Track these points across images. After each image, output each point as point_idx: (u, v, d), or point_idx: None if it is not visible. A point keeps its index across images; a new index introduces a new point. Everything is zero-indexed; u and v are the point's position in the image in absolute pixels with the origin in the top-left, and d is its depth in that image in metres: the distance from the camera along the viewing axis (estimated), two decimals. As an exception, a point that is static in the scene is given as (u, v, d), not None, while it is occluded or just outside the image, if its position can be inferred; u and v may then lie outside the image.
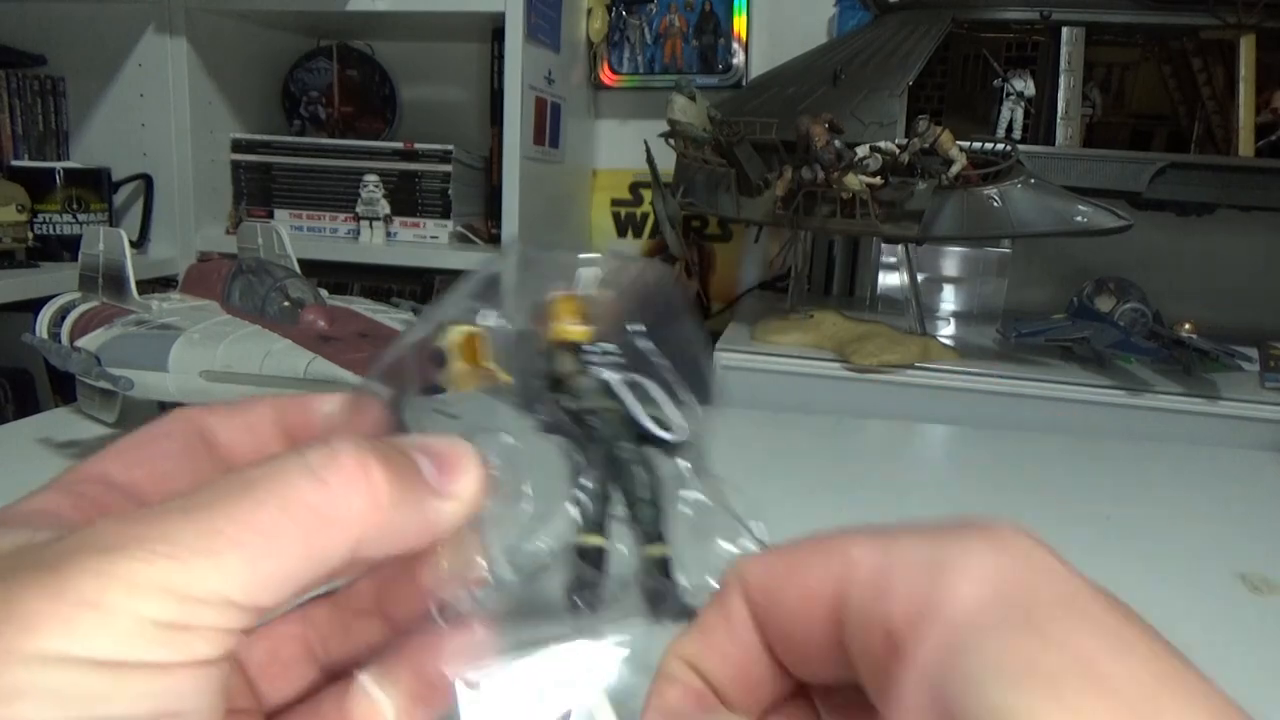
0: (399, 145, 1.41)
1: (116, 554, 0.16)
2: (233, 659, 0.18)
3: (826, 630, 0.19)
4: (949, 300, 1.39)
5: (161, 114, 1.41)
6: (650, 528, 0.26)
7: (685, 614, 0.25)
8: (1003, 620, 0.16)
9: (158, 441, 0.22)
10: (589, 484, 0.26)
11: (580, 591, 0.25)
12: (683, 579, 0.25)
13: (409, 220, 1.41)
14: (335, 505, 0.18)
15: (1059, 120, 1.13)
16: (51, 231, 1.34)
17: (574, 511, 0.26)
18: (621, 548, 0.26)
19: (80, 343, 0.59)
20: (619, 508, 0.26)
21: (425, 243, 1.41)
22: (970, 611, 0.16)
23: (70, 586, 0.16)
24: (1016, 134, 1.16)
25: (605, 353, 0.26)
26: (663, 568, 0.26)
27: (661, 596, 0.25)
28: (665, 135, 1.20)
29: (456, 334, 0.24)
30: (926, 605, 0.17)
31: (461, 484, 0.20)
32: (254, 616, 0.18)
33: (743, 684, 0.20)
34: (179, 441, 0.22)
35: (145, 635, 0.16)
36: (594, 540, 0.25)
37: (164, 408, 0.64)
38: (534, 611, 0.24)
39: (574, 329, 0.26)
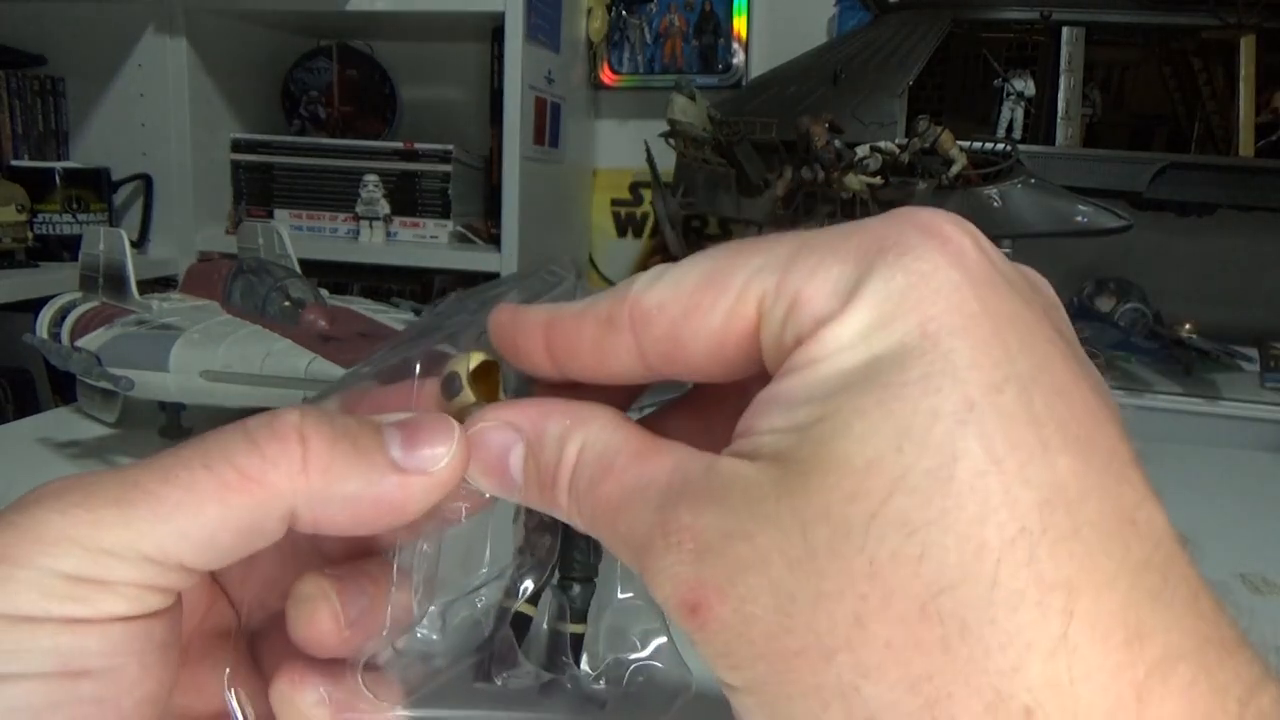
0: (399, 145, 1.41)
1: (33, 508, 0.16)
2: (169, 618, 0.18)
3: (739, 361, 0.18)
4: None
5: (161, 114, 1.41)
6: (577, 606, 0.24)
7: (582, 702, 0.23)
8: (861, 379, 0.15)
9: None
10: (541, 549, 0.23)
11: (501, 667, 0.23)
12: (585, 666, 0.24)
13: (409, 220, 1.41)
14: (264, 468, 0.17)
15: (1059, 120, 1.13)
16: (51, 231, 1.34)
17: (526, 579, 0.23)
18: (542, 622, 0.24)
19: (80, 343, 0.59)
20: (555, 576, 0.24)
21: (425, 243, 1.41)
22: (841, 352, 0.15)
23: None
24: (1016, 134, 1.16)
25: None
26: (574, 646, 0.24)
27: (558, 680, 0.23)
28: (665, 135, 1.20)
29: (472, 360, 0.21)
30: (815, 335, 0.16)
31: (426, 456, 0.19)
32: (178, 575, 0.17)
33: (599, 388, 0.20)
34: None
35: (55, 590, 0.16)
36: (529, 610, 0.24)
37: (164, 408, 0.64)
38: (448, 677, 0.22)
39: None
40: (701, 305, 0.17)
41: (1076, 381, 0.15)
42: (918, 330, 0.15)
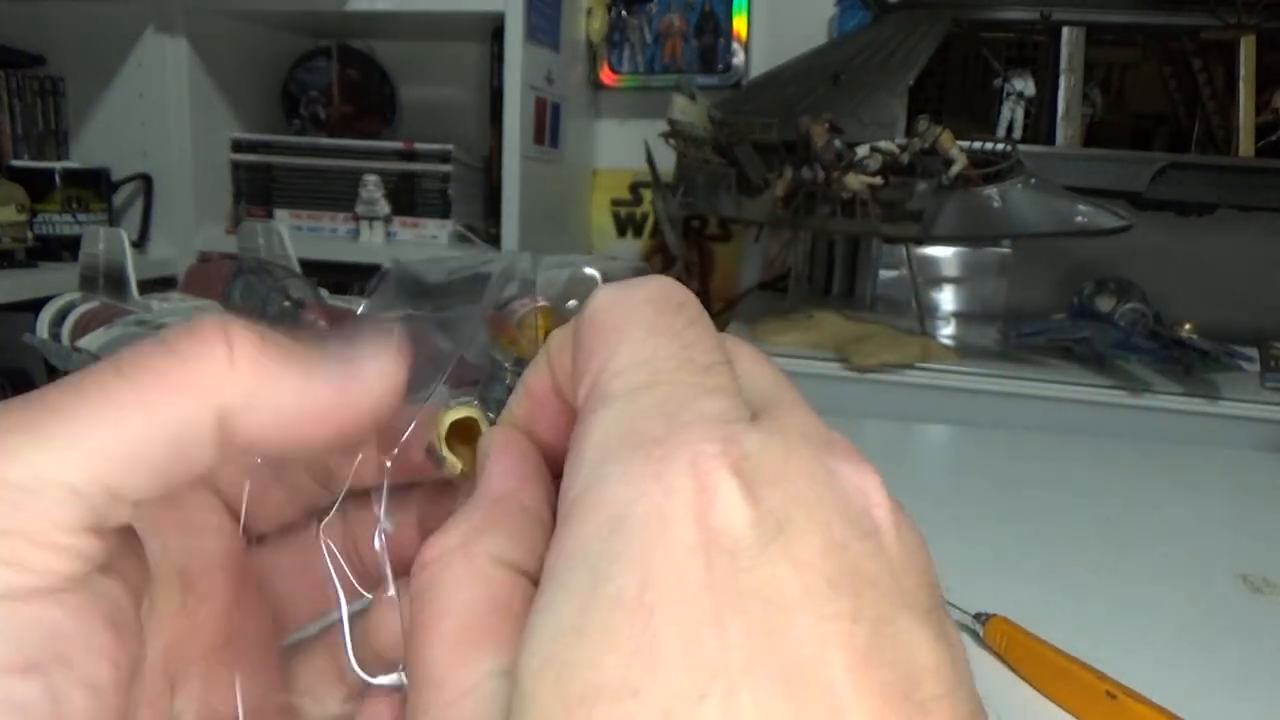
0: (399, 145, 1.41)
1: None
2: (119, 576, 0.15)
3: None
4: (949, 300, 1.39)
5: (161, 114, 1.41)
6: None
7: None
8: (572, 638, 0.13)
9: None
10: None
11: None
12: None
13: (409, 220, 1.41)
14: (185, 369, 0.15)
15: (1059, 120, 1.13)
16: (51, 231, 1.34)
17: None
18: None
19: (80, 343, 0.59)
20: None
21: (425, 243, 1.41)
22: (580, 563, 0.14)
23: None
24: (1016, 134, 1.16)
25: None
26: None
27: None
28: (665, 135, 1.20)
29: (444, 424, 0.20)
30: (571, 516, 0.14)
31: (365, 367, 0.17)
32: (110, 506, 0.14)
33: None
34: None
35: None
36: None
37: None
38: None
39: (530, 350, 0.23)
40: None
41: (822, 656, 0.12)
42: (638, 584, 0.13)
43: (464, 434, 0.21)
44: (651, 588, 0.13)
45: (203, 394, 0.15)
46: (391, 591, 0.19)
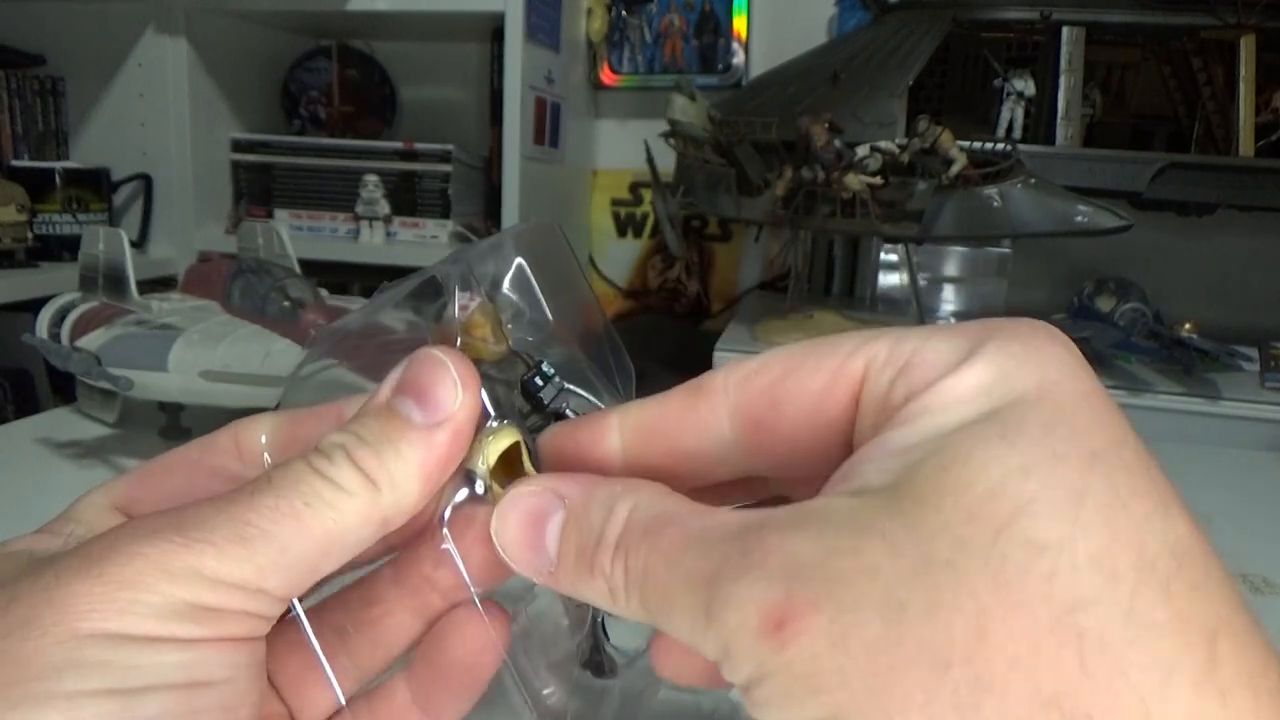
0: (399, 145, 1.41)
1: (152, 540, 0.17)
2: (262, 640, 0.19)
3: (834, 426, 0.18)
4: (949, 300, 1.39)
5: (161, 114, 1.41)
6: None
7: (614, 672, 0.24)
8: (981, 421, 0.15)
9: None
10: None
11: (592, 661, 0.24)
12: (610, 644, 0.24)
13: (409, 220, 1.41)
14: (341, 497, 0.18)
15: (1059, 120, 1.13)
16: (51, 231, 1.34)
17: None
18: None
19: (80, 343, 0.59)
20: None
21: (425, 242, 1.41)
22: (958, 404, 0.16)
23: (109, 571, 0.16)
24: (1016, 134, 1.16)
25: (543, 377, 0.23)
26: (600, 624, 0.24)
27: (597, 660, 0.24)
28: (665, 135, 1.20)
29: (490, 453, 0.20)
30: (930, 388, 0.16)
31: (444, 404, 0.19)
32: (282, 604, 0.18)
33: (680, 467, 0.20)
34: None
35: (178, 614, 0.17)
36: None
37: (164, 408, 0.64)
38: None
39: (486, 347, 0.22)
40: (806, 365, 0.18)
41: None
42: (1036, 390, 0.15)
43: (503, 459, 0.21)
44: (1055, 385, 0.16)
45: (363, 514, 0.19)
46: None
